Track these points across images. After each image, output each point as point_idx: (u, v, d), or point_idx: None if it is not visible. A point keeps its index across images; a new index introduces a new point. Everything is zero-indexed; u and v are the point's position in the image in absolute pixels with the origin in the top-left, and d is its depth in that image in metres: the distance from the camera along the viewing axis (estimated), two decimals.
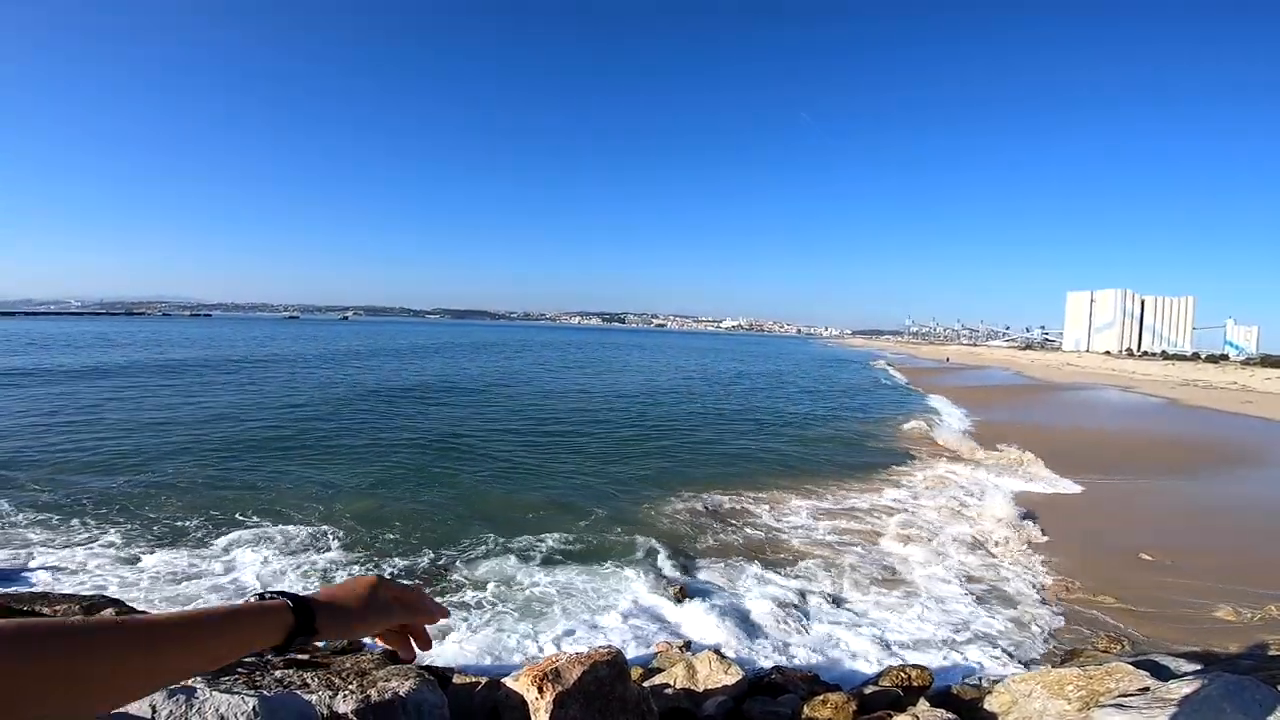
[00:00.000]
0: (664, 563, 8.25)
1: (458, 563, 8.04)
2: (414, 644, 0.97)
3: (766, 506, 10.91)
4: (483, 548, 8.51)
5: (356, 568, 7.78)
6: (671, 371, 45.49)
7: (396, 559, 8.05)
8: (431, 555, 8.20)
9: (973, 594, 7.48)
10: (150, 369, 31.59)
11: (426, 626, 0.98)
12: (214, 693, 2.78)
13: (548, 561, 8.17)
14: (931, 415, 23.72)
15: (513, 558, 8.18)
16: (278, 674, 3.10)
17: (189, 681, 2.81)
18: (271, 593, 0.81)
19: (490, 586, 7.34)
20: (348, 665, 3.18)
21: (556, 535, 9.03)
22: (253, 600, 0.78)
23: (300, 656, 3.42)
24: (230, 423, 17.20)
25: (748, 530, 9.71)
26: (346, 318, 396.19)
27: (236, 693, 2.84)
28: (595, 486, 11.97)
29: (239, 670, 3.03)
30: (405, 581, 0.99)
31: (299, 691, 2.93)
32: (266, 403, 21.49)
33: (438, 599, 1.10)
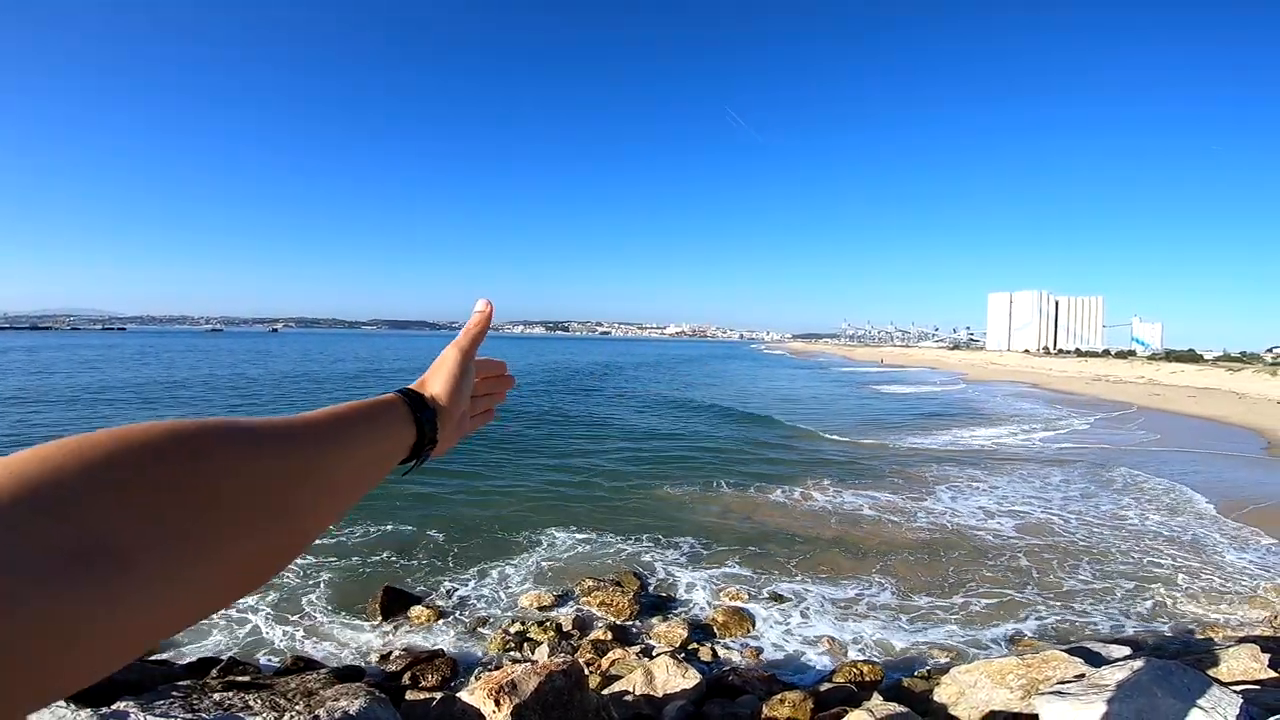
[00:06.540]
0: None
1: None
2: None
3: None
4: None
5: None
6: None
7: None
8: None
9: None
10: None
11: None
12: (148, 716, 2.61)
13: None
14: None
15: None
16: (216, 697, 2.92)
17: (118, 705, 2.61)
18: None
19: None
20: (293, 685, 3.02)
21: None
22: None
23: (241, 678, 3.22)
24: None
25: None
26: (276, 330, 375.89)
27: (172, 716, 2.66)
28: None
29: (174, 693, 2.84)
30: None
31: (240, 714, 2.77)
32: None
33: None
